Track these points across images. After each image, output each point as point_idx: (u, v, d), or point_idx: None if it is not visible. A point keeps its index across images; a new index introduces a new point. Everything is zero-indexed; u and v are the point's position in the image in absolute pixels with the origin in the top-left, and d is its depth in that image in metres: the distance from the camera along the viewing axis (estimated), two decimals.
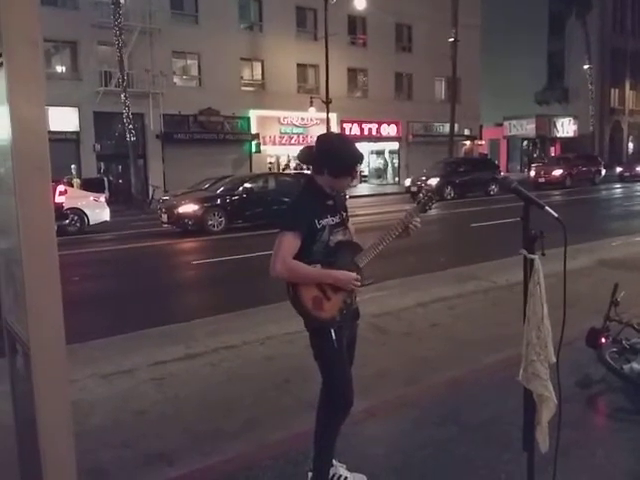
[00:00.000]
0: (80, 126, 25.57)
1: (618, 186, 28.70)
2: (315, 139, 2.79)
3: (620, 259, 7.72)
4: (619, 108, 47.85)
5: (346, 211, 2.86)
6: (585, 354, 4.16)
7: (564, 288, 1.98)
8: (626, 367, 3.81)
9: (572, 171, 28.12)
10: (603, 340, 4.13)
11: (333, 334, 2.65)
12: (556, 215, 1.94)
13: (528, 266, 1.91)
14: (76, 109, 25.23)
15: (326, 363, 2.70)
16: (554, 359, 1.93)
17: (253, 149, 30.37)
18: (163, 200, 18.18)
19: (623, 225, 12.66)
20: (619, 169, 33.26)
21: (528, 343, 1.91)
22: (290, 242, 2.57)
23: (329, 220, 2.68)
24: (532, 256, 1.90)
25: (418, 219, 2.83)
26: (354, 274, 2.66)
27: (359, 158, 2.75)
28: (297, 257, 2.58)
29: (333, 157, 2.66)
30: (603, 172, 30.23)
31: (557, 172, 27.80)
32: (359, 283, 2.69)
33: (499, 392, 4.00)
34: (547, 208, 1.95)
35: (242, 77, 30.23)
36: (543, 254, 1.90)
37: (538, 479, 2.18)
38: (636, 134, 50.23)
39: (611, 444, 3.23)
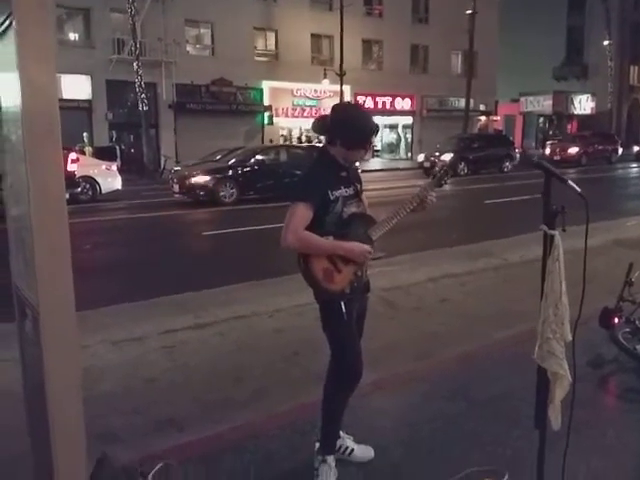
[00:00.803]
0: (92, 94, 25.47)
1: (635, 165, 28.26)
2: (329, 110, 2.73)
3: (636, 239, 7.61)
4: (638, 86, 46.87)
5: (360, 183, 2.81)
6: (598, 334, 4.12)
7: (584, 266, 1.93)
8: (639, 347, 3.78)
9: (588, 149, 27.71)
10: (616, 320, 4.08)
11: (343, 307, 2.62)
12: (579, 190, 1.88)
13: (548, 242, 1.86)
14: (89, 77, 25.11)
15: (335, 335, 2.69)
16: (570, 337, 1.89)
17: (265, 121, 30.14)
18: (175, 170, 18.16)
19: (639, 205, 12.49)
20: (636, 148, 32.70)
21: (544, 320, 1.87)
22: (302, 213, 2.53)
23: (343, 191, 2.64)
24: (552, 232, 1.85)
25: (433, 193, 2.78)
26: (367, 246, 2.62)
27: (374, 130, 2.69)
28: (309, 228, 2.54)
29: (347, 128, 2.60)
30: (620, 151, 29.77)
31: (573, 150, 27.40)
32: (370, 256, 2.65)
33: (509, 368, 3.99)
34: (570, 182, 1.89)
35: (255, 47, 29.86)
36: (564, 230, 1.85)
37: (547, 457, 2.16)
38: None
39: (622, 424, 3.21)
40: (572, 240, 2.12)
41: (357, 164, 2.85)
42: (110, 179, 16.35)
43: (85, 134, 23.81)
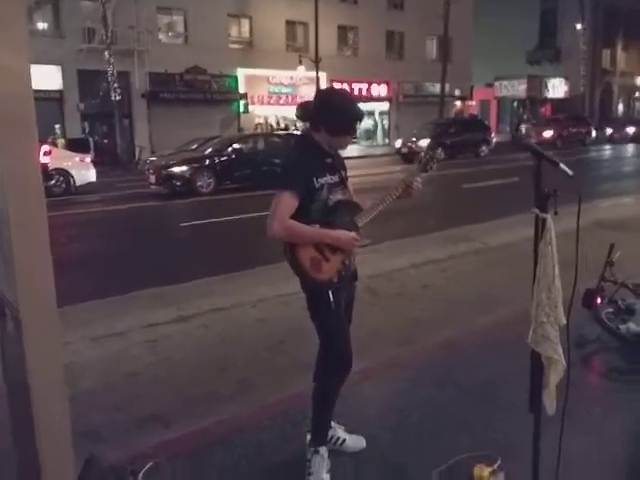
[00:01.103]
0: (63, 85, 24.89)
1: (608, 147, 28.67)
2: (305, 98, 2.66)
3: (615, 220, 7.72)
4: (610, 69, 47.39)
5: (345, 170, 2.77)
6: (580, 314, 4.14)
7: (576, 249, 1.92)
8: (622, 327, 3.82)
9: (562, 132, 28.04)
10: (599, 300, 4.12)
11: (331, 295, 2.58)
12: (571, 173, 1.86)
13: (540, 225, 1.84)
14: (59, 67, 24.51)
15: (324, 325, 2.65)
16: (564, 321, 1.88)
17: (241, 109, 29.82)
18: (150, 161, 17.90)
19: (614, 186, 12.65)
20: (609, 131, 33.17)
21: (538, 304, 1.85)
22: (288, 201, 2.47)
23: (328, 179, 2.59)
24: (544, 215, 1.82)
25: (419, 179, 2.75)
26: (354, 234, 2.58)
27: (359, 116, 2.63)
28: (295, 217, 2.49)
29: (332, 114, 2.54)
30: (594, 134, 30.18)
31: (547, 133, 27.69)
32: (358, 243, 2.61)
33: (493, 353, 4.00)
34: (562, 165, 1.87)
35: (229, 34, 29.45)
36: (556, 213, 1.83)
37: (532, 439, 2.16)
38: (626, 96, 49.96)
39: (608, 404, 3.24)
40: (558, 222, 2.10)
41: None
42: (84, 171, 16.04)
43: (57, 126, 23.32)
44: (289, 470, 2.75)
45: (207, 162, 15.20)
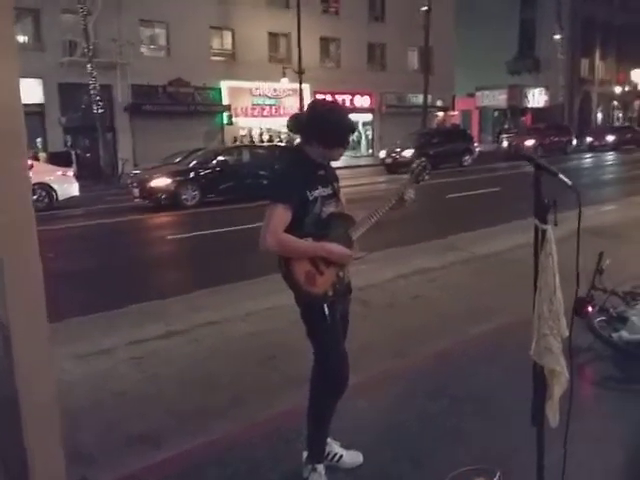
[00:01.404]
0: (45, 98, 24.63)
1: (589, 156, 29.04)
2: (288, 109, 2.64)
3: (602, 227, 7.78)
4: (589, 78, 48.13)
5: (337, 181, 2.73)
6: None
7: (577, 259, 1.90)
8: (615, 335, 3.81)
9: (544, 141, 28.32)
10: (590, 309, 4.12)
11: (326, 309, 2.54)
12: (570, 183, 1.84)
13: (540, 236, 1.81)
14: (40, 80, 24.25)
15: (320, 339, 2.60)
16: (567, 333, 1.86)
17: (225, 121, 29.76)
18: (134, 174, 17.78)
19: (597, 194, 12.79)
20: (589, 139, 33.62)
21: (540, 316, 1.82)
22: (281, 214, 2.43)
23: (321, 191, 2.55)
24: (544, 226, 1.80)
25: (412, 190, 2.73)
26: (346, 249, 2.55)
27: (352, 128, 2.61)
28: (288, 230, 2.45)
29: (325, 127, 2.51)
30: (574, 142, 30.54)
31: (529, 142, 27.95)
32: (353, 256, 2.58)
33: (486, 363, 3.97)
34: (561, 175, 1.85)
35: (212, 47, 29.42)
36: (555, 224, 1.81)
37: (530, 451, 2.12)
38: (605, 104, 50.75)
39: (605, 413, 3.22)
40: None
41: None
42: (67, 185, 15.85)
43: (38, 139, 23.06)
44: None
45: (191, 175, 15.11)
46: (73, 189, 15.98)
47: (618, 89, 49.66)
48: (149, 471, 2.76)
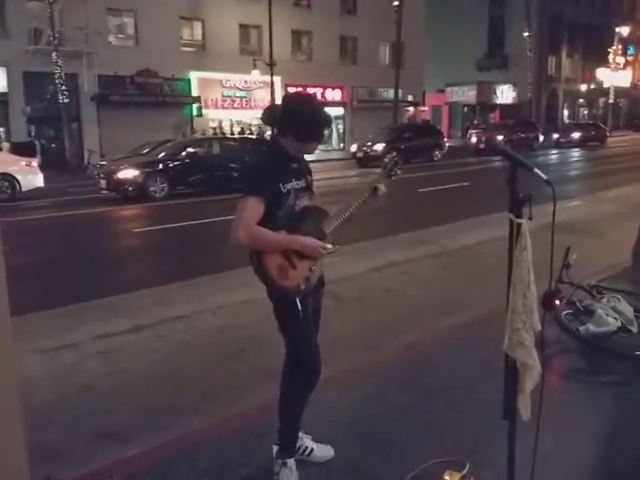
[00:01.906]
0: (8, 87, 23.95)
1: (554, 152, 29.59)
2: (259, 102, 2.60)
3: (567, 222, 7.90)
4: (556, 76, 48.99)
5: (311, 175, 2.70)
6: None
7: (551, 253, 1.91)
8: (582, 329, 3.88)
9: (512, 137, 28.69)
10: (557, 302, 4.18)
11: (298, 303, 2.51)
12: (545, 177, 1.85)
13: (515, 231, 1.81)
14: (4, 69, 23.60)
15: (292, 333, 2.57)
16: (539, 327, 1.87)
17: (194, 113, 29.40)
18: (100, 165, 17.41)
19: (562, 190, 13.03)
20: (555, 136, 34.26)
21: (513, 310, 1.83)
22: (253, 207, 2.39)
23: (294, 184, 2.51)
24: (519, 220, 1.80)
25: (383, 184, 2.72)
26: (320, 242, 2.52)
27: (327, 122, 2.58)
28: (260, 223, 2.41)
29: (300, 120, 2.47)
30: (541, 138, 31.06)
31: (497, 138, 28.31)
32: (326, 250, 2.55)
33: (457, 356, 4.00)
34: (536, 170, 1.85)
35: (181, 37, 28.99)
36: (530, 218, 1.82)
37: (499, 443, 2.13)
38: (571, 101, 51.74)
39: (572, 405, 3.27)
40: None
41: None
42: (31, 176, 15.44)
43: (1, 129, 22.41)
44: None
45: (160, 166, 14.89)
46: (37, 180, 15.58)
47: (584, 87, 50.69)
48: (117, 467, 2.69)
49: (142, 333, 4.89)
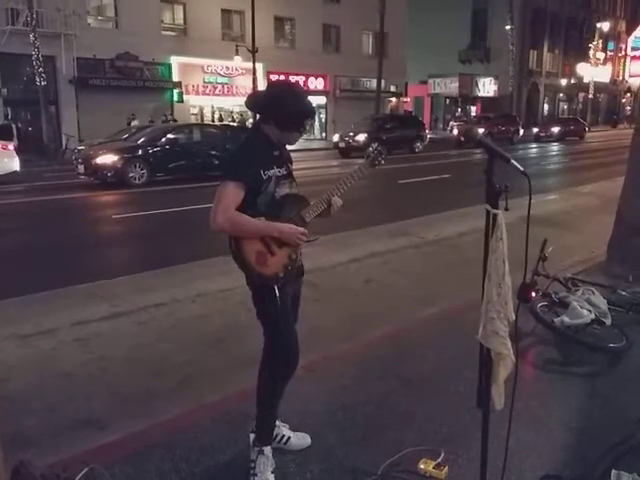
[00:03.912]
0: None
1: (534, 146, 29.88)
2: (241, 88, 2.58)
3: (544, 216, 8.04)
4: (537, 70, 49.37)
5: (292, 162, 2.70)
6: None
7: (526, 244, 1.94)
8: (557, 320, 3.94)
9: (493, 130, 28.91)
10: (533, 294, 4.25)
11: (277, 291, 2.51)
12: (522, 169, 1.88)
13: (491, 221, 1.84)
14: None
15: (270, 321, 2.57)
16: (514, 316, 1.90)
17: (175, 98, 29.04)
18: (79, 150, 17.19)
19: (540, 183, 13.18)
20: (535, 129, 34.57)
21: (488, 301, 1.86)
22: (233, 193, 2.38)
23: (275, 171, 2.51)
24: (495, 211, 1.83)
25: (339, 198, 2.70)
26: (300, 228, 2.52)
27: (311, 113, 2.57)
28: (240, 209, 2.40)
29: (283, 108, 2.46)
30: (521, 132, 31.33)
31: (476, 129, 28.40)
32: (305, 238, 2.55)
33: (435, 346, 4.05)
34: (513, 161, 1.88)
35: (162, 21, 28.53)
36: (506, 209, 1.84)
37: (474, 432, 2.18)
38: (551, 96, 52.23)
39: (546, 395, 3.34)
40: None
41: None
42: (6, 159, 15.15)
43: None
44: (232, 471, 2.67)
45: (140, 152, 14.72)
46: (13, 164, 15.30)
47: (564, 81, 51.18)
48: (94, 453, 2.68)
49: (121, 320, 4.87)
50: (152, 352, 4.23)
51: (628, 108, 58.78)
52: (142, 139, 15.50)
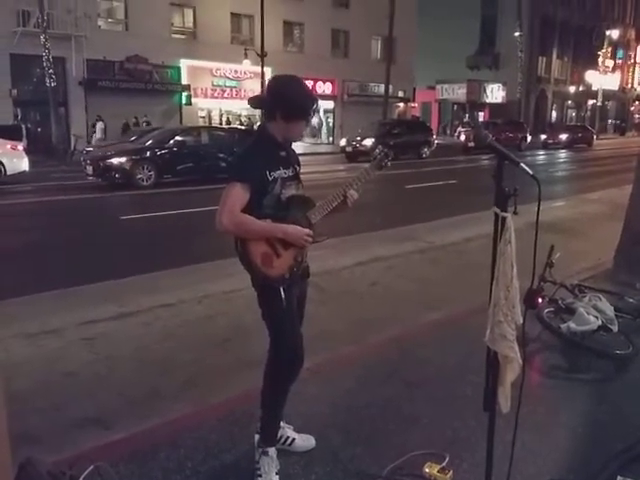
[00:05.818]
0: None
1: (542, 153, 29.81)
2: (249, 92, 2.61)
3: (552, 222, 8.01)
4: (545, 77, 49.29)
5: (299, 165, 2.70)
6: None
7: (534, 249, 1.94)
8: (563, 326, 3.93)
9: (500, 136, 28.76)
10: (540, 300, 4.24)
11: (282, 292, 2.51)
12: (531, 172, 1.88)
13: (499, 224, 1.84)
14: None
15: (275, 322, 2.58)
16: (521, 320, 1.90)
17: (184, 101, 29.18)
18: (87, 151, 17.27)
19: (548, 190, 13.15)
20: (543, 136, 34.47)
21: (496, 304, 1.86)
22: (238, 194, 2.39)
23: (281, 172, 2.52)
24: (504, 214, 1.83)
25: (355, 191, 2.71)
26: (306, 229, 2.53)
27: (314, 99, 2.57)
28: (245, 210, 2.41)
29: (286, 98, 2.47)
30: (529, 139, 31.25)
31: (485, 132, 28.36)
32: (311, 239, 2.56)
33: (440, 350, 4.05)
34: (522, 165, 1.88)
35: (172, 24, 28.72)
36: (515, 212, 1.85)
37: (480, 437, 2.18)
38: (560, 103, 52.13)
39: (551, 401, 3.33)
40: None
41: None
42: (16, 160, 15.26)
43: None
44: (237, 471, 2.67)
45: (148, 154, 14.80)
46: (23, 164, 15.40)
47: (572, 89, 51.07)
48: (100, 452, 2.70)
49: (128, 320, 4.89)
50: (158, 352, 4.24)
51: (637, 116, 58.58)
52: (150, 141, 15.58)
